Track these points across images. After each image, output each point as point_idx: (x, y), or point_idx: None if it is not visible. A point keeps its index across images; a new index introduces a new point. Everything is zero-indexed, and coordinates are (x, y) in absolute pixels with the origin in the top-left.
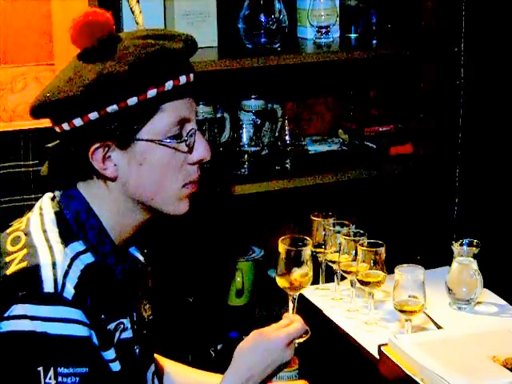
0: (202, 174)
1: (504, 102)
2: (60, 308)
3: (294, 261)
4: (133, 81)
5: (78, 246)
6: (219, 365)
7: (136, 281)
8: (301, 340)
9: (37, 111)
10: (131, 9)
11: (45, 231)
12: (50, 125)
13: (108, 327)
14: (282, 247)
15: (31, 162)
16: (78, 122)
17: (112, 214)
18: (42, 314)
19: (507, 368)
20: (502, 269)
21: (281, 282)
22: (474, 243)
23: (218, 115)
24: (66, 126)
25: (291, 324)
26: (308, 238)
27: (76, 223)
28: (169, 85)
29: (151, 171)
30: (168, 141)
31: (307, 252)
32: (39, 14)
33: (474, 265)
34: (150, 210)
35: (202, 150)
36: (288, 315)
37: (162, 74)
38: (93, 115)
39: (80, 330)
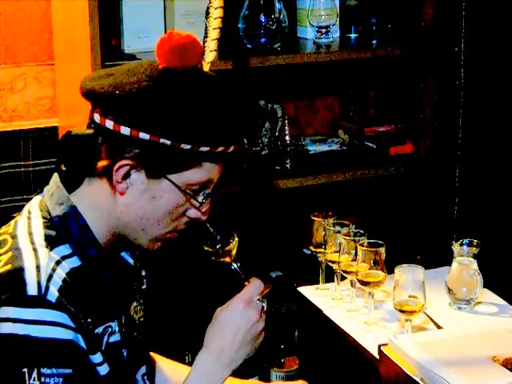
0: None
1: (504, 102)
2: (43, 311)
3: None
4: (197, 132)
5: (64, 249)
6: None
7: (125, 284)
8: (262, 294)
9: (95, 97)
10: (206, 32)
11: (31, 234)
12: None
13: (96, 331)
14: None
15: (31, 162)
16: (125, 130)
17: (101, 221)
18: (24, 316)
19: (507, 368)
20: (502, 269)
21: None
22: (474, 243)
23: None
24: (109, 125)
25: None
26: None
27: (63, 227)
28: (220, 148)
29: (158, 208)
30: (188, 192)
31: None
32: (39, 14)
33: (474, 265)
34: (118, 235)
35: (204, 212)
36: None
37: (223, 138)
38: (143, 135)
39: (63, 333)
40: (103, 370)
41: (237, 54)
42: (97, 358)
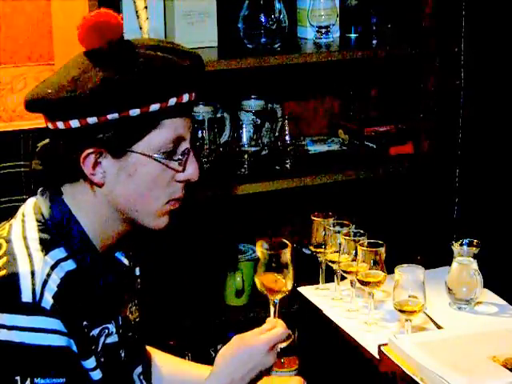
0: (202, 174)
1: (504, 102)
2: (38, 318)
3: (274, 264)
4: (138, 92)
5: (58, 253)
6: None
7: (121, 285)
8: (284, 344)
9: (33, 105)
10: (137, 13)
11: (25, 238)
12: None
13: (91, 333)
14: (260, 250)
15: None
16: (74, 123)
17: (95, 221)
18: (19, 323)
19: (507, 368)
20: (502, 269)
21: (260, 286)
22: (474, 243)
23: (218, 115)
24: (60, 125)
25: (273, 329)
26: (287, 242)
27: (58, 230)
28: (172, 101)
29: (139, 183)
30: (161, 156)
31: (287, 255)
32: (39, 14)
33: (474, 265)
34: (130, 222)
35: (192, 170)
36: (271, 320)
37: (168, 89)
38: (91, 120)
39: (58, 340)
40: (96, 375)
41: (237, 53)
42: (90, 363)
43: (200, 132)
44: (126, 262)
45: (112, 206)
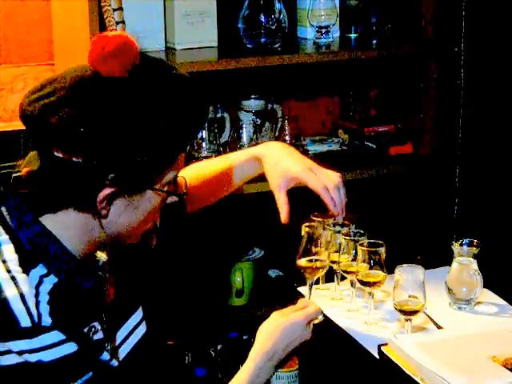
0: None
1: (504, 102)
2: (42, 337)
3: (315, 243)
4: (173, 136)
5: (39, 269)
6: (219, 365)
7: (101, 282)
8: (317, 321)
9: (56, 134)
10: (104, 13)
11: (4, 262)
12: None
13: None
14: (305, 229)
15: None
16: (98, 161)
17: (76, 239)
18: (26, 347)
19: (507, 368)
20: (502, 269)
21: (301, 263)
22: (474, 243)
23: (218, 115)
24: (78, 159)
25: (307, 306)
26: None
27: (34, 247)
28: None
29: (141, 215)
30: (164, 190)
31: (328, 235)
32: (39, 14)
33: (474, 265)
34: (112, 243)
35: (175, 197)
36: (303, 300)
37: (192, 129)
38: (120, 160)
39: (69, 348)
40: (114, 363)
41: (237, 53)
42: (105, 355)
43: (200, 132)
44: (103, 257)
45: (105, 230)
